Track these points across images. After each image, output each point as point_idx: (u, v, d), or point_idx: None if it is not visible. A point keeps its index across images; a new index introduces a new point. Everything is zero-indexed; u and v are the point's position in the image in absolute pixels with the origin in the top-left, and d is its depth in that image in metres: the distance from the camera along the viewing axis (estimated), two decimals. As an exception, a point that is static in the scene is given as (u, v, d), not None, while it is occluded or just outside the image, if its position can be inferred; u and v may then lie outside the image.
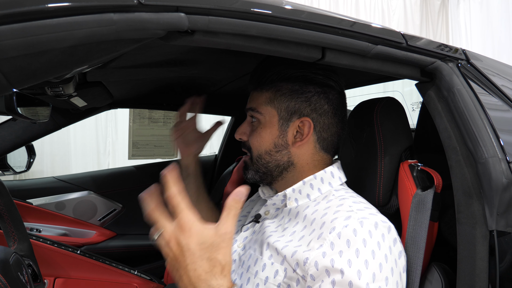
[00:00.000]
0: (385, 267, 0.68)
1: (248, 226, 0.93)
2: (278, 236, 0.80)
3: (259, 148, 0.87)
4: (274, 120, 0.85)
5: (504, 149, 0.76)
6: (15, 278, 0.85)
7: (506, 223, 0.73)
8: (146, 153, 2.05)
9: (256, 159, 0.88)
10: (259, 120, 0.87)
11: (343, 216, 0.73)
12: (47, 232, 1.71)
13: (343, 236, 0.70)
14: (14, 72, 0.47)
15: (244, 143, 0.91)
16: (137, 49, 0.58)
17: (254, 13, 0.62)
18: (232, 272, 0.86)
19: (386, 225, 0.73)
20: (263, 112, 0.86)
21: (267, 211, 0.90)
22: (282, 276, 0.75)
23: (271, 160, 0.86)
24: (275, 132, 0.85)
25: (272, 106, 0.85)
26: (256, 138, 0.87)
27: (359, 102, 1.00)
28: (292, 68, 0.84)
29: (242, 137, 0.91)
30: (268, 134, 0.86)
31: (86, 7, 0.49)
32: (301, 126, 0.84)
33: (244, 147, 0.92)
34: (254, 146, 0.88)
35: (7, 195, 1.04)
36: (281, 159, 0.86)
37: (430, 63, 0.82)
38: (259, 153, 0.87)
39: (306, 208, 0.81)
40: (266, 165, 0.87)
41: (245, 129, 0.91)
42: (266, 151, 0.86)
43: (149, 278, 1.52)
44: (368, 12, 4.24)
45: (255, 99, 0.88)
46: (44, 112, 1.10)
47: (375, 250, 0.69)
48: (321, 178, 0.84)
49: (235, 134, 0.92)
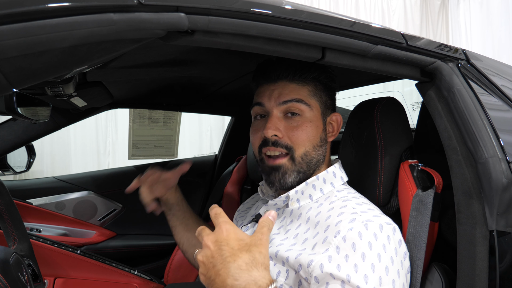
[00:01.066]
0: (391, 270, 0.68)
1: (248, 226, 0.92)
2: (281, 239, 0.79)
3: (307, 144, 0.81)
4: (318, 114, 0.84)
5: (504, 149, 0.76)
6: (15, 278, 0.85)
7: (506, 223, 0.73)
8: (146, 153, 2.05)
9: (301, 157, 0.81)
10: (303, 112, 0.82)
11: (348, 218, 0.72)
12: (47, 232, 1.71)
13: (348, 240, 0.69)
14: (14, 72, 0.47)
15: (278, 142, 0.81)
16: (137, 49, 0.58)
17: (254, 13, 0.62)
18: None
19: (391, 227, 0.73)
20: (311, 105, 0.83)
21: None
22: (284, 277, 0.74)
23: (315, 156, 0.83)
24: (320, 125, 0.84)
25: (316, 99, 0.84)
26: (304, 133, 0.81)
27: (359, 102, 1.00)
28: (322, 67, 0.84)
29: (277, 133, 0.81)
30: (315, 128, 0.83)
31: (86, 7, 0.49)
32: (331, 122, 0.87)
33: (277, 145, 0.81)
34: (301, 143, 0.81)
35: (7, 195, 1.04)
36: (321, 153, 0.85)
37: (430, 63, 0.82)
38: (307, 150, 0.81)
39: (309, 210, 0.81)
40: (310, 163, 0.83)
41: (279, 125, 0.81)
42: (314, 146, 0.82)
43: (149, 278, 1.52)
44: (368, 12, 4.24)
45: (297, 91, 0.82)
46: (44, 112, 1.10)
47: (381, 253, 0.68)
48: (324, 179, 0.84)
49: (267, 130, 0.80)
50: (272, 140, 0.81)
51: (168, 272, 1.60)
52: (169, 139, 2.08)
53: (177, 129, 2.08)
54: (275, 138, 0.81)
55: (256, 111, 0.87)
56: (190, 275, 1.58)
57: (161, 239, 1.89)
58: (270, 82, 0.84)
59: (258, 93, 0.87)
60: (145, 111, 1.97)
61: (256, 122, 0.87)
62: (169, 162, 2.12)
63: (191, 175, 2.06)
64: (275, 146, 0.81)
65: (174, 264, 1.60)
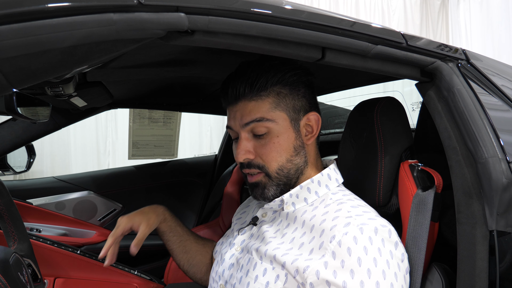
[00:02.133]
0: (388, 273, 0.68)
1: (246, 229, 0.92)
2: (277, 243, 0.79)
3: (280, 159, 0.80)
4: (286, 123, 0.81)
5: (504, 149, 0.76)
6: (15, 278, 0.85)
7: (506, 223, 0.73)
8: (146, 153, 2.05)
9: (276, 173, 0.81)
10: (270, 129, 0.80)
11: (342, 222, 0.72)
12: (47, 232, 1.71)
13: (343, 244, 0.69)
14: (14, 72, 0.47)
15: (251, 163, 0.82)
16: (137, 49, 0.58)
17: (254, 13, 0.62)
18: (231, 276, 0.86)
19: (386, 229, 0.73)
20: (275, 118, 0.80)
21: (264, 213, 0.89)
22: (283, 281, 0.74)
23: (292, 167, 0.82)
24: (291, 134, 0.81)
25: (280, 109, 0.81)
26: (275, 149, 0.80)
27: (359, 102, 1.00)
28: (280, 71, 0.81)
29: (249, 156, 0.82)
30: (286, 140, 0.81)
31: (86, 7, 0.49)
32: (308, 123, 0.84)
33: (251, 167, 0.82)
34: (273, 160, 0.80)
35: (7, 195, 1.04)
36: (299, 161, 0.83)
37: (430, 63, 0.82)
38: (280, 165, 0.81)
39: (304, 213, 0.81)
40: (288, 174, 0.82)
41: (248, 147, 0.82)
42: (287, 159, 0.81)
43: (149, 278, 1.52)
44: (368, 12, 4.23)
45: (256, 109, 0.80)
46: (44, 112, 1.10)
47: (376, 257, 0.68)
48: (318, 181, 0.84)
49: (238, 157, 0.82)
50: (245, 163, 0.83)
51: (168, 272, 1.60)
52: (169, 139, 2.08)
53: (177, 129, 2.08)
54: (247, 161, 0.82)
55: (231, 133, 0.88)
56: (190, 275, 1.58)
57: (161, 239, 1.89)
58: (232, 104, 0.84)
59: (227, 114, 0.87)
60: (145, 111, 1.97)
61: (234, 145, 0.88)
62: (169, 162, 2.13)
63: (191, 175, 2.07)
64: (248, 168, 0.83)
65: (174, 264, 1.60)
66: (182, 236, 1.05)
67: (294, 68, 0.83)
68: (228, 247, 0.94)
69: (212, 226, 1.68)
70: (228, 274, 0.87)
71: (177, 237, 1.04)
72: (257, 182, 0.83)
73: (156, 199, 1.97)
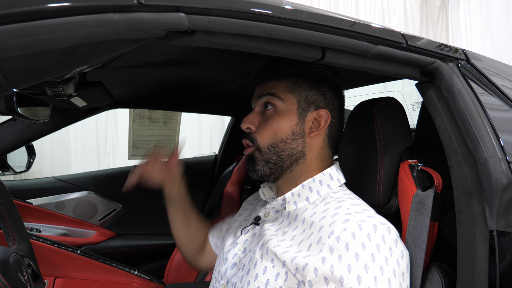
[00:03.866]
0: (386, 270, 0.68)
1: (248, 228, 0.93)
2: (278, 241, 0.80)
3: (275, 136, 0.84)
4: (293, 108, 0.85)
5: (504, 149, 0.76)
6: (15, 278, 0.85)
7: (506, 223, 0.73)
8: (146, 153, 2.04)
9: (268, 148, 0.85)
10: (276, 107, 0.85)
11: (341, 219, 0.73)
12: (47, 232, 1.72)
13: (342, 240, 0.70)
14: (14, 72, 0.47)
15: (249, 135, 0.87)
16: (137, 49, 0.58)
17: (254, 13, 0.62)
18: (233, 276, 0.86)
19: (385, 227, 0.73)
20: (284, 99, 0.85)
21: (267, 213, 0.89)
22: (283, 279, 0.74)
23: (285, 149, 0.84)
24: (293, 119, 0.84)
25: (292, 94, 0.85)
26: (272, 126, 0.84)
27: (359, 102, 1.00)
28: (305, 64, 0.85)
29: (251, 126, 0.87)
30: (286, 122, 0.84)
31: (86, 7, 0.49)
32: (317, 118, 0.86)
33: (248, 138, 0.88)
34: (269, 135, 0.85)
35: (7, 195, 1.04)
36: (295, 147, 0.85)
37: (430, 63, 0.82)
38: (274, 141, 0.84)
39: (304, 211, 0.81)
40: (279, 154, 0.85)
41: (254, 119, 0.88)
42: (282, 139, 0.84)
43: (149, 278, 1.52)
44: (368, 12, 4.24)
45: (273, 86, 0.86)
46: (44, 112, 1.10)
47: (374, 253, 0.68)
48: (320, 181, 0.84)
49: (242, 124, 0.87)
50: (247, 132, 0.88)
51: (168, 272, 1.60)
52: (169, 139, 2.07)
53: (177, 129, 2.07)
54: (248, 131, 0.88)
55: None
56: (190, 275, 1.58)
57: (161, 239, 1.89)
58: (259, 84, 0.90)
59: None
60: (145, 111, 1.97)
61: None
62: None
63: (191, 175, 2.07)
64: (245, 138, 0.88)
65: (174, 264, 1.60)
66: (186, 210, 1.08)
67: (323, 68, 0.87)
68: (231, 246, 0.94)
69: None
70: (230, 274, 0.88)
71: (182, 210, 1.08)
72: (249, 155, 0.87)
73: (156, 199, 1.97)
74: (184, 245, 1.10)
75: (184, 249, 1.11)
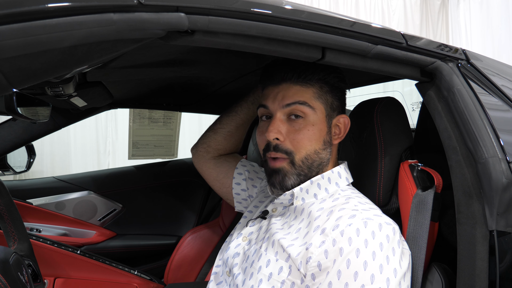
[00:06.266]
0: (386, 269, 0.68)
1: (255, 221, 0.93)
2: (284, 234, 0.80)
3: (309, 148, 0.81)
4: (322, 116, 0.83)
5: (504, 149, 0.76)
6: (15, 278, 0.85)
7: (506, 223, 0.73)
8: (146, 153, 2.05)
9: (302, 161, 0.81)
10: (306, 115, 0.81)
11: (348, 214, 0.73)
12: (47, 232, 1.71)
13: (345, 234, 0.70)
14: (14, 72, 0.47)
15: (279, 146, 0.81)
16: (137, 49, 0.58)
17: (254, 13, 0.62)
18: (236, 266, 0.87)
19: (391, 227, 0.73)
20: (315, 107, 0.82)
21: (275, 209, 0.90)
22: (286, 273, 0.75)
23: (317, 159, 0.82)
24: (324, 128, 0.83)
25: (320, 101, 0.83)
26: (308, 136, 0.80)
27: (359, 102, 1.00)
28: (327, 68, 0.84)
29: (279, 136, 0.81)
30: (318, 131, 0.82)
31: (86, 7, 0.49)
32: (337, 123, 0.86)
33: (278, 151, 0.81)
34: (302, 147, 0.80)
35: (7, 195, 1.04)
36: (325, 157, 0.84)
37: (430, 63, 0.82)
38: (308, 153, 0.81)
39: (311, 205, 0.82)
40: (311, 166, 0.82)
41: (281, 128, 0.81)
42: (315, 150, 0.81)
43: (149, 278, 1.52)
44: (368, 12, 4.23)
45: (301, 93, 0.81)
46: (44, 112, 1.10)
47: (376, 251, 0.68)
48: (329, 178, 0.85)
49: (269, 133, 0.80)
50: (273, 144, 0.82)
51: (168, 272, 1.60)
52: (169, 139, 2.08)
53: (177, 129, 2.08)
54: (276, 142, 0.82)
55: (262, 112, 0.88)
56: (190, 275, 1.58)
57: (161, 239, 1.89)
58: (275, 84, 0.85)
59: (263, 94, 0.88)
60: (145, 111, 1.97)
61: (262, 123, 0.89)
62: (169, 162, 2.12)
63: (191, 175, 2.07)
64: (275, 151, 0.82)
65: (174, 264, 1.60)
66: (243, 127, 1.12)
67: (338, 72, 0.87)
68: (235, 235, 0.95)
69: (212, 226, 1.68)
70: (231, 263, 0.89)
71: (242, 124, 1.11)
72: (279, 169, 0.82)
73: (156, 199, 1.97)
74: (214, 139, 1.12)
75: (213, 141, 1.12)
